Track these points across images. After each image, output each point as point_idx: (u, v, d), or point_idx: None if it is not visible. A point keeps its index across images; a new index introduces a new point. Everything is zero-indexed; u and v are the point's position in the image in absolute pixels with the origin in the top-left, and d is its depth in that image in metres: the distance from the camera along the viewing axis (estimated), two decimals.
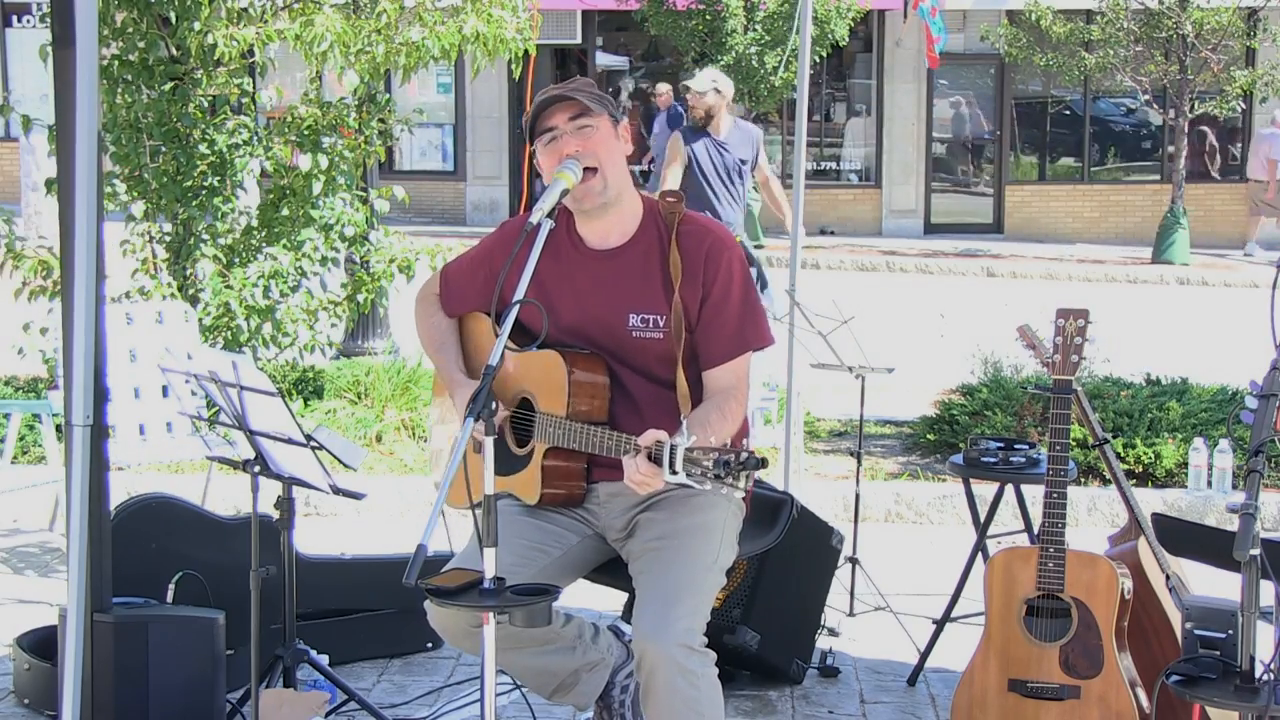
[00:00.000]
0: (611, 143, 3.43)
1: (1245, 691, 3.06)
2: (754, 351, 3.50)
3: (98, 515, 3.67)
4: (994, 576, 3.97)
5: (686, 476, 2.92)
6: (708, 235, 3.46)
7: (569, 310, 3.47)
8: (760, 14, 16.90)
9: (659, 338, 3.43)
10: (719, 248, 3.44)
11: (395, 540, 5.79)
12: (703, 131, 8.26)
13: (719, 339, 3.42)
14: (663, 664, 3.20)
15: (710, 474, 2.87)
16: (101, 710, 3.87)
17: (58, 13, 3.59)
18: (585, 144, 3.39)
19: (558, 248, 3.46)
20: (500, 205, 21.33)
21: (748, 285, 3.47)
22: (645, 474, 3.07)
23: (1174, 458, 6.90)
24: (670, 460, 2.94)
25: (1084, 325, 3.98)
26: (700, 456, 2.91)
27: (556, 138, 3.40)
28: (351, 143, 7.59)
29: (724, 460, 2.87)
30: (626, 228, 3.49)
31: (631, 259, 3.47)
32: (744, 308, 3.45)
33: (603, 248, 3.50)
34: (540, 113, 3.43)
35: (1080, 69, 18.00)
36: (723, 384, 3.42)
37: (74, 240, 3.49)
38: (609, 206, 3.44)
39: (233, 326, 7.26)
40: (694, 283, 3.41)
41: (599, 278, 3.47)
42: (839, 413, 8.24)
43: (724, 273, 3.42)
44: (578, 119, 3.40)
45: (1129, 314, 13.18)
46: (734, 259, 3.45)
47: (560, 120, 3.41)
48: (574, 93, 3.42)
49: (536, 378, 3.47)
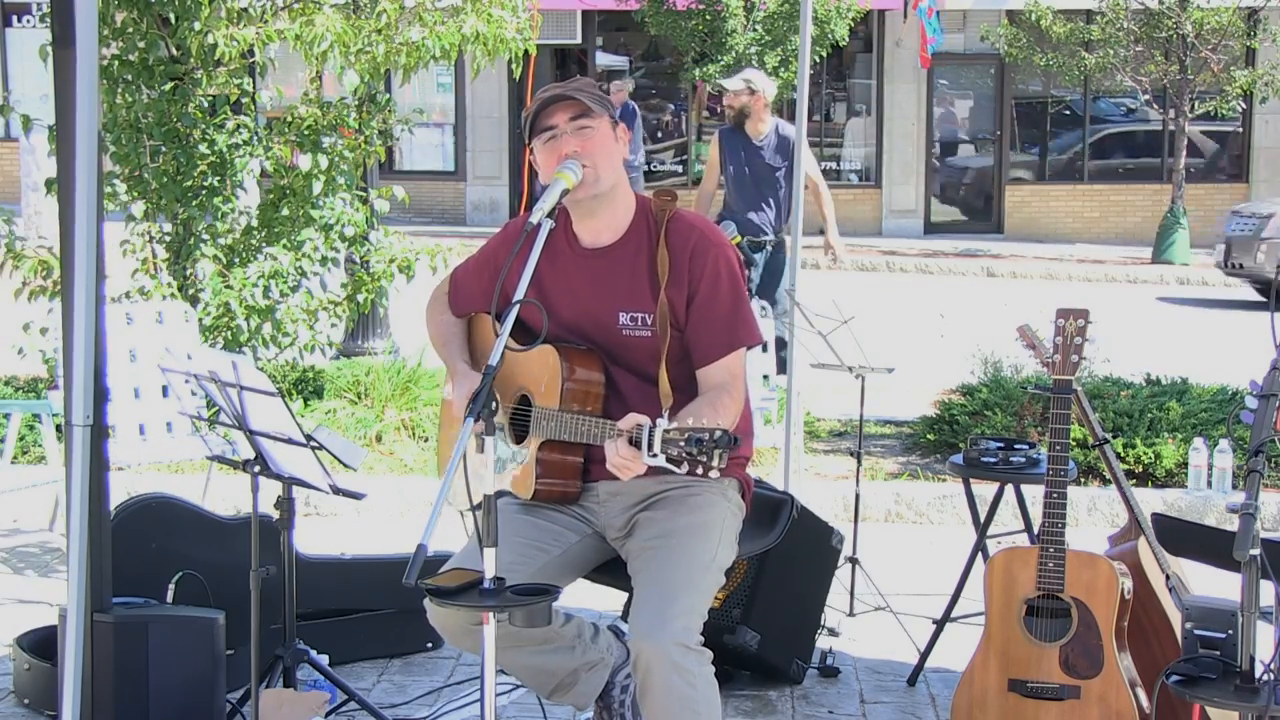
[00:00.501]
0: (609, 144, 3.45)
1: (1245, 691, 3.06)
2: (746, 349, 3.51)
3: (98, 515, 3.67)
4: (994, 576, 3.97)
5: (665, 459, 2.97)
6: (693, 232, 3.46)
7: (566, 308, 3.49)
8: (760, 14, 16.90)
9: (648, 336, 3.44)
10: (704, 245, 3.45)
11: (395, 540, 5.79)
12: (739, 132, 8.26)
13: (709, 336, 3.43)
14: (658, 663, 3.20)
15: (684, 452, 2.93)
16: (101, 710, 3.87)
17: (58, 13, 3.59)
18: (584, 145, 3.40)
19: (555, 247, 3.48)
20: (500, 205, 21.34)
21: (736, 283, 3.47)
22: (625, 456, 3.10)
23: (1174, 458, 6.90)
24: (649, 442, 2.99)
25: (1084, 325, 3.98)
26: (676, 436, 2.97)
27: (556, 137, 3.42)
28: (351, 143, 7.58)
29: (696, 439, 2.93)
30: (618, 226, 3.50)
31: (621, 257, 3.48)
32: (733, 305, 3.45)
33: (595, 246, 3.51)
34: (541, 111, 3.44)
35: (1080, 69, 18.00)
36: (715, 381, 3.42)
37: (74, 240, 3.49)
38: (601, 201, 3.45)
39: (233, 326, 7.26)
40: (680, 281, 3.42)
41: (592, 276, 3.49)
42: (839, 413, 8.24)
43: (710, 270, 3.43)
44: (578, 119, 3.41)
45: (1129, 314, 13.18)
46: (720, 256, 3.45)
47: (560, 120, 3.42)
48: (575, 93, 3.43)
49: (534, 373, 3.49)
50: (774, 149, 8.25)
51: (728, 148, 8.29)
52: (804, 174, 8.39)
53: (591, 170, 3.40)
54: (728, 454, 2.95)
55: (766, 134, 8.27)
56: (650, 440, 3.00)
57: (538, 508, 3.53)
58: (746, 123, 8.23)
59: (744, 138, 8.28)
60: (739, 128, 8.32)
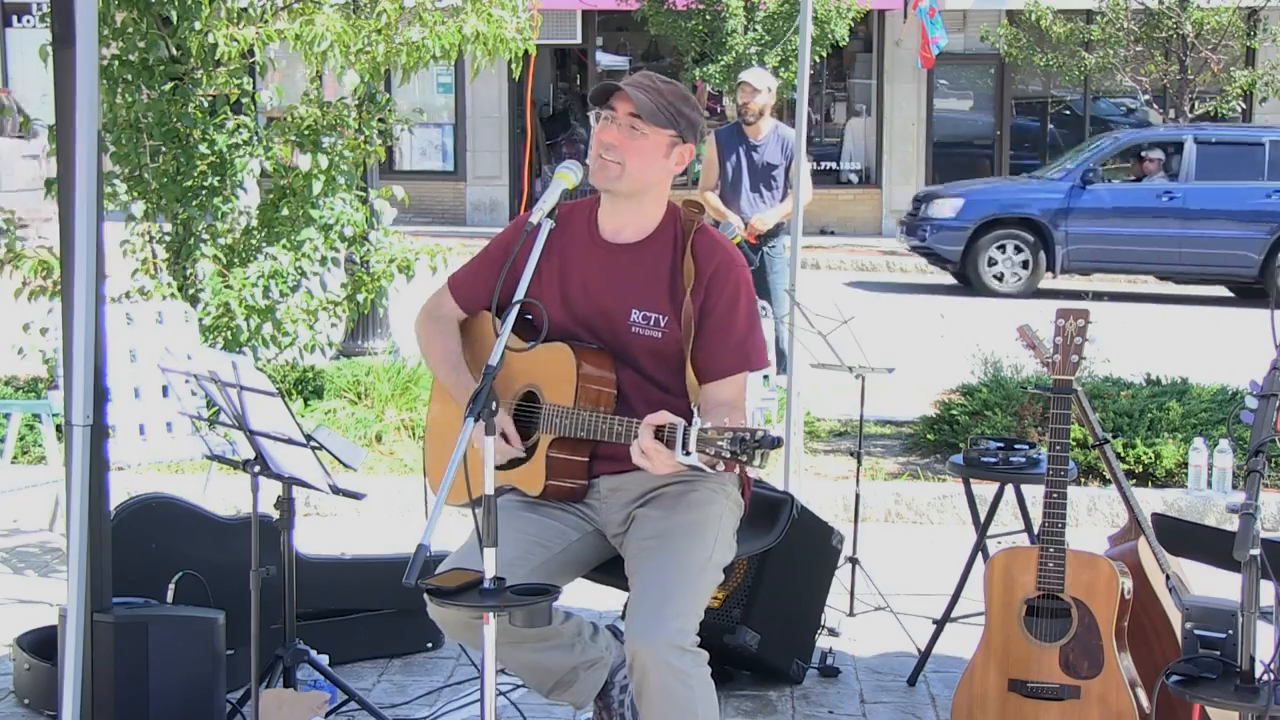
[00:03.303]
0: (652, 154, 3.40)
1: (1245, 691, 3.06)
2: (750, 373, 3.53)
3: (98, 515, 3.67)
4: (994, 576, 3.97)
5: (699, 458, 2.95)
6: (719, 251, 3.47)
7: (577, 299, 3.49)
8: (760, 14, 16.91)
9: (657, 336, 3.44)
10: (728, 265, 3.46)
11: (395, 540, 5.79)
12: (738, 133, 8.31)
13: (723, 353, 3.43)
14: (654, 665, 3.20)
15: (725, 452, 2.90)
16: (101, 710, 3.87)
17: (58, 13, 3.59)
18: (624, 141, 3.38)
19: (575, 234, 3.49)
20: (500, 205, 21.34)
21: (752, 305, 3.50)
22: (650, 449, 3.09)
23: (1174, 458, 6.90)
24: (684, 441, 2.97)
25: (1084, 325, 3.98)
26: (715, 436, 2.94)
27: (607, 121, 3.40)
28: (351, 142, 7.59)
29: (740, 438, 2.91)
30: (644, 226, 3.50)
31: (642, 257, 3.48)
32: (749, 326, 3.47)
33: (615, 241, 3.51)
34: (611, 90, 3.41)
35: (1080, 69, 18.01)
36: (723, 397, 3.42)
37: (74, 240, 3.49)
38: (620, 198, 3.45)
39: (233, 326, 7.26)
40: (698, 294, 3.43)
41: (608, 269, 3.49)
42: (839, 413, 8.24)
43: (730, 289, 3.44)
44: (633, 117, 3.38)
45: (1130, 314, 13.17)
46: (742, 279, 3.47)
47: (620, 109, 3.39)
48: (646, 91, 3.37)
49: (543, 370, 3.48)
50: (773, 149, 8.30)
51: (726, 147, 8.32)
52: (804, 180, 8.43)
53: (618, 166, 3.38)
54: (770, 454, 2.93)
55: (766, 134, 8.31)
56: (685, 439, 2.98)
57: (540, 505, 3.53)
58: (756, 122, 8.30)
59: (743, 137, 8.32)
60: (738, 127, 8.37)
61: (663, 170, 3.45)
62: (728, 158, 8.31)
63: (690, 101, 3.47)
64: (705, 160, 8.50)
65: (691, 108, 3.46)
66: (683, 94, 3.47)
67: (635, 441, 3.16)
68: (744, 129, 8.34)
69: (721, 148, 8.35)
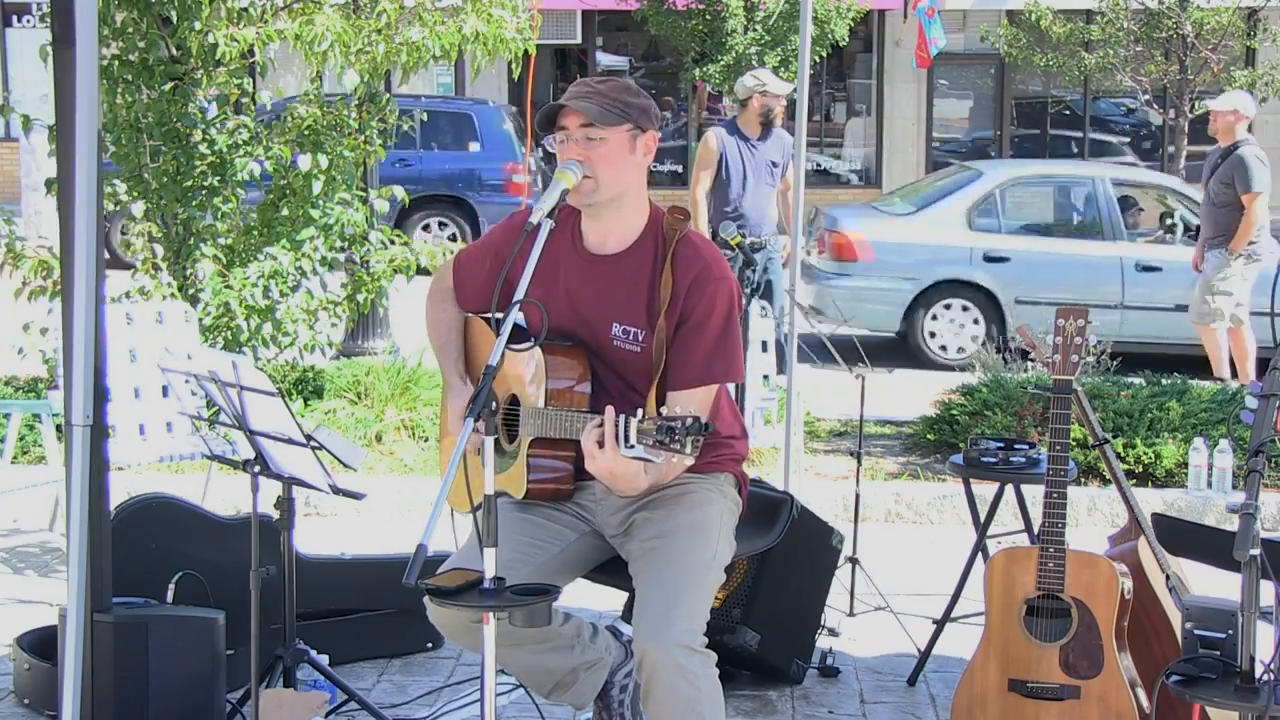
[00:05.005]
0: (619, 155, 3.38)
1: (1245, 691, 3.06)
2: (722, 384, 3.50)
3: (98, 515, 3.67)
4: (994, 576, 3.97)
5: (642, 449, 2.99)
6: (698, 262, 3.41)
7: (560, 309, 3.47)
8: (760, 14, 16.91)
9: (636, 351, 3.43)
10: (706, 276, 3.40)
11: (395, 540, 5.79)
12: (739, 132, 8.34)
13: (687, 364, 3.39)
14: (663, 665, 3.20)
15: (654, 439, 2.96)
16: (101, 710, 3.87)
17: (58, 13, 3.59)
18: (589, 153, 3.36)
19: (558, 244, 3.46)
20: None
21: (729, 319, 3.42)
22: (590, 449, 3.12)
23: (1174, 458, 6.90)
24: (625, 435, 3.01)
25: (1084, 325, 3.98)
26: (649, 427, 2.99)
27: (564, 141, 3.40)
28: (352, 142, 7.59)
29: (667, 426, 2.95)
30: (625, 235, 3.47)
31: (623, 269, 3.46)
32: (719, 341, 3.40)
33: (599, 252, 3.49)
34: (555, 111, 3.40)
35: (1080, 69, 18.00)
36: (687, 407, 3.39)
37: (74, 240, 3.49)
38: (601, 208, 3.43)
39: (233, 326, 7.26)
40: (675, 307, 3.39)
41: (591, 281, 3.48)
42: (839, 413, 8.24)
43: (706, 302, 3.38)
44: (586, 127, 3.37)
45: None
46: (720, 291, 3.40)
47: (571, 124, 3.38)
48: (588, 98, 3.37)
49: (520, 372, 3.49)
50: (774, 145, 8.33)
51: (727, 147, 8.32)
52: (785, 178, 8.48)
53: (592, 180, 3.36)
54: (700, 440, 2.95)
55: (765, 134, 8.34)
56: (626, 433, 3.01)
57: (535, 506, 3.53)
58: (748, 123, 8.31)
59: (743, 137, 8.33)
60: (736, 125, 8.38)
61: (634, 167, 3.43)
62: (729, 155, 8.32)
63: (632, 89, 3.45)
64: (701, 158, 8.50)
65: (635, 95, 3.43)
66: (623, 85, 3.45)
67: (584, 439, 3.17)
68: (743, 129, 8.37)
69: (722, 146, 8.35)
